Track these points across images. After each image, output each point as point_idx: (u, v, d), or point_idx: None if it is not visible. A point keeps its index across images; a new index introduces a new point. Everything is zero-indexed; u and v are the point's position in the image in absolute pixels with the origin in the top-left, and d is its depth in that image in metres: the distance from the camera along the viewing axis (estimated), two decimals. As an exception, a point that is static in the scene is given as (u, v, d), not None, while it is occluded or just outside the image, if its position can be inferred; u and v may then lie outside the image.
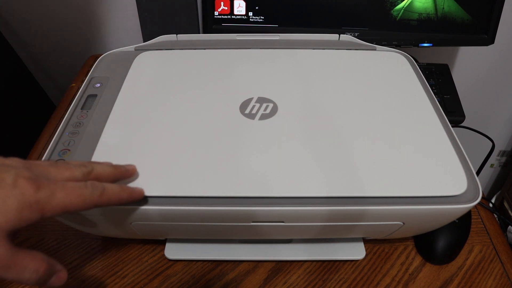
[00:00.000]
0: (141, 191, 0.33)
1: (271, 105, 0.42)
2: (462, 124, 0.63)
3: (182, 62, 0.49)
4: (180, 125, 0.40)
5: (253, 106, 0.42)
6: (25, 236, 0.47)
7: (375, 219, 0.36)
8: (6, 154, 0.29)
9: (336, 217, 0.35)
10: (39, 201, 0.25)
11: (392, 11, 0.64)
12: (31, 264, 0.26)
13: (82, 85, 0.46)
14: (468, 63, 0.87)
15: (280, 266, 0.45)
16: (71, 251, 0.46)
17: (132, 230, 0.38)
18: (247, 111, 0.41)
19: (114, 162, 0.35)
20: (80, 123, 0.41)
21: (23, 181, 0.25)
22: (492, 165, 1.13)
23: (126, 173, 0.34)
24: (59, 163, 0.30)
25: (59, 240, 0.47)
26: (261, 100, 0.43)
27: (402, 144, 0.38)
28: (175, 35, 0.54)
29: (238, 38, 0.55)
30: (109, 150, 0.37)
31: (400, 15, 0.64)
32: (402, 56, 0.51)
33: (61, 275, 0.28)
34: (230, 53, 0.51)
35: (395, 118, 0.41)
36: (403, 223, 0.37)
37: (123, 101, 0.43)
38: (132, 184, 0.34)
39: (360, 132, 0.40)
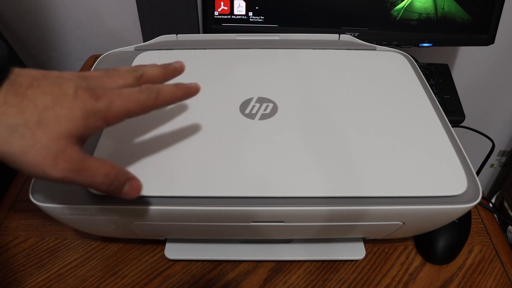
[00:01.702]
0: (196, 86, 0.33)
1: (271, 105, 0.42)
2: (462, 124, 0.63)
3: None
4: (180, 125, 0.40)
5: (253, 106, 0.42)
6: (25, 236, 0.47)
7: (375, 219, 0.36)
8: None
9: (336, 217, 0.35)
10: (100, 110, 0.27)
11: (392, 11, 0.64)
12: (102, 168, 0.27)
13: (82, 85, 0.46)
14: (468, 63, 0.87)
15: (280, 266, 0.45)
16: (71, 251, 0.46)
17: (132, 230, 0.38)
18: (247, 111, 0.41)
19: (115, 162, 0.35)
20: (80, 123, 0.41)
21: (82, 92, 0.27)
22: (492, 165, 1.13)
23: (176, 71, 0.34)
24: (111, 71, 0.30)
25: (59, 240, 0.47)
26: (261, 100, 0.43)
27: (402, 144, 0.38)
28: (175, 35, 0.54)
29: (238, 38, 0.55)
30: (108, 150, 0.37)
31: (400, 15, 0.64)
32: (402, 56, 0.51)
33: (135, 184, 0.30)
34: (230, 53, 0.51)
35: (395, 118, 0.41)
36: (403, 223, 0.37)
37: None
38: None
39: (360, 132, 0.40)
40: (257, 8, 0.64)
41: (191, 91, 0.33)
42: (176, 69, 0.34)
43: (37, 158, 0.25)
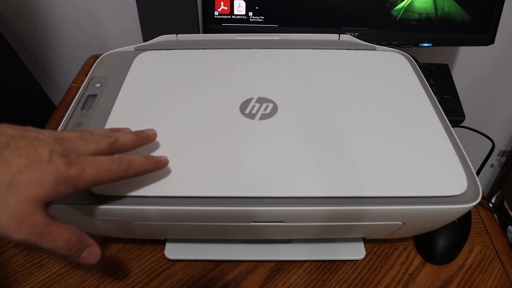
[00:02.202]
0: (165, 160, 0.34)
1: (271, 105, 0.42)
2: (462, 124, 0.63)
3: (182, 62, 0.49)
4: (180, 125, 0.40)
5: (253, 106, 0.42)
6: (25, 236, 0.47)
7: (375, 219, 0.36)
8: None
9: (336, 217, 0.35)
10: (72, 177, 0.27)
11: (392, 11, 0.64)
12: (64, 234, 0.27)
13: (82, 85, 0.46)
14: (468, 63, 0.87)
15: (280, 266, 0.45)
16: (71, 251, 0.46)
17: (132, 230, 0.38)
18: (247, 111, 0.41)
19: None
20: (80, 123, 0.41)
21: (57, 157, 0.27)
22: (492, 165, 1.13)
23: (148, 139, 0.35)
24: (85, 134, 0.31)
25: (59, 240, 0.47)
26: (261, 100, 0.43)
27: (402, 144, 0.38)
28: (175, 35, 0.54)
29: (238, 38, 0.55)
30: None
31: (400, 15, 0.64)
32: (402, 56, 0.51)
33: (93, 250, 0.30)
34: (230, 53, 0.51)
35: (395, 118, 0.41)
36: (403, 223, 0.37)
37: (123, 101, 0.43)
38: (133, 182, 0.34)
39: (360, 132, 0.40)
40: (257, 8, 0.64)
41: (160, 164, 0.34)
42: (148, 137, 0.36)
43: (2, 220, 0.25)
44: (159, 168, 0.34)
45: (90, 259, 0.30)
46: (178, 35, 0.54)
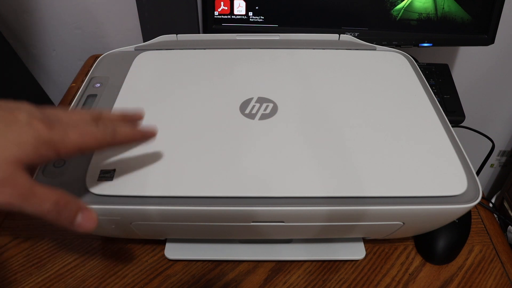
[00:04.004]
0: (153, 132, 0.33)
1: (271, 105, 0.42)
2: (462, 124, 0.63)
3: (182, 62, 0.49)
4: (180, 125, 0.40)
5: (253, 106, 0.42)
6: (25, 236, 0.47)
7: (375, 219, 0.36)
8: None
9: (336, 217, 0.35)
10: (53, 139, 0.26)
11: (392, 11, 0.64)
12: (51, 195, 0.26)
13: (82, 85, 0.46)
14: (468, 63, 0.87)
15: (280, 266, 0.45)
16: (71, 251, 0.46)
17: (132, 230, 0.38)
18: (247, 111, 0.41)
19: (115, 162, 0.35)
20: (80, 123, 0.41)
21: (36, 121, 0.26)
22: (492, 165, 1.13)
23: (134, 117, 0.34)
24: (68, 109, 0.30)
25: (59, 240, 0.47)
26: (261, 100, 0.43)
27: (402, 144, 0.38)
28: (175, 35, 0.54)
29: (238, 38, 0.55)
30: (108, 150, 0.37)
31: (400, 15, 0.64)
32: (402, 56, 0.51)
33: (88, 214, 0.28)
34: (230, 53, 0.51)
35: (395, 118, 0.41)
36: (403, 223, 0.37)
37: (123, 101, 0.43)
38: (133, 183, 0.34)
39: (360, 132, 0.40)
40: (257, 8, 0.64)
41: (147, 135, 0.33)
42: (135, 115, 0.34)
43: None
44: (147, 138, 0.32)
45: (87, 224, 0.27)
46: (178, 35, 0.54)
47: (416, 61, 0.63)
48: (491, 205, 0.59)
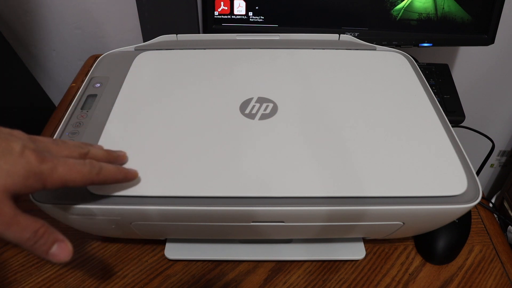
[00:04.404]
0: (135, 172, 0.35)
1: (271, 105, 0.42)
2: (462, 124, 0.63)
3: (182, 62, 0.49)
4: (180, 125, 0.40)
5: (253, 106, 0.42)
6: (25, 236, 0.47)
7: (375, 219, 0.36)
8: None
9: (336, 217, 0.35)
10: (42, 172, 0.27)
11: (392, 11, 0.64)
12: (32, 224, 0.27)
13: (82, 85, 0.46)
14: (468, 63, 0.87)
15: (280, 266, 0.45)
16: (71, 251, 0.46)
17: (132, 230, 0.38)
18: (247, 111, 0.41)
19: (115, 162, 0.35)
20: (80, 123, 0.41)
21: (29, 152, 0.27)
22: (492, 165, 1.13)
23: (118, 159, 0.35)
24: (59, 141, 0.31)
25: (59, 240, 0.47)
26: (261, 100, 0.43)
27: (402, 144, 0.38)
28: (175, 35, 0.54)
29: (238, 38, 0.55)
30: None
31: (400, 15, 0.64)
32: (402, 56, 0.51)
33: (64, 246, 0.29)
34: (230, 53, 0.51)
35: (395, 118, 0.41)
36: (403, 223, 0.37)
37: (123, 101, 0.43)
38: (133, 183, 0.34)
39: (360, 132, 0.40)
40: (257, 8, 0.64)
41: (129, 176, 0.34)
42: (118, 157, 0.35)
43: None
44: (128, 179, 0.34)
45: (60, 256, 0.28)
46: (178, 35, 0.54)
47: (416, 61, 0.63)
48: (491, 205, 0.59)
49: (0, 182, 0.26)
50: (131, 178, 0.34)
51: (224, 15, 0.65)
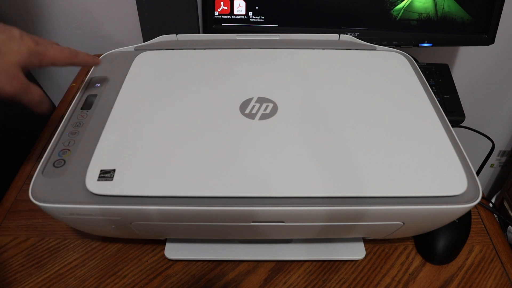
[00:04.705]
0: (98, 59, 0.45)
1: (271, 105, 0.42)
2: (462, 124, 0.63)
3: (182, 62, 0.49)
4: (180, 125, 0.40)
5: (253, 106, 0.42)
6: (25, 236, 0.47)
7: (375, 219, 0.36)
8: (7, 154, 0.30)
9: (336, 217, 0.35)
10: (38, 51, 0.38)
11: (392, 11, 0.64)
12: (37, 90, 0.39)
13: (82, 85, 0.46)
14: (468, 63, 0.87)
15: (280, 266, 0.45)
16: (71, 251, 0.46)
17: (132, 230, 0.38)
18: (247, 111, 0.41)
19: (115, 162, 0.36)
20: (80, 123, 0.41)
21: (26, 37, 0.38)
22: (492, 165, 1.13)
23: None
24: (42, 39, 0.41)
25: (59, 240, 0.47)
26: (261, 100, 0.43)
27: (402, 144, 0.38)
28: (175, 35, 0.54)
29: (238, 38, 0.55)
30: (109, 150, 0.37)
31: (400, 15, 0.64)
32: (402, 56, 0.51)
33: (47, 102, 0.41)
34: (230, 53, 0.51)
35: (395, 118, 0.41)
36: (403, 223, 0.37)
37: (123, 101, 0.43)
38: (133, 183, 0.34)
39: (360, 132, 0.40)
40: (257, 8, 0.64)
41: (96, 60, 0.45)
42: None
43: None
44: (96, 62, 0.45)
45: (42, 106, 0.40)
46: (178, 35, 0.54)
47: (416, 61, 0.63)
48: (491, 205, 0.59)
49: (15, 59, 0.36)
50: (98, 61, 0.45)
51: (224, 15, 0.65)
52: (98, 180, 0.35)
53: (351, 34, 0.65)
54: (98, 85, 0.46)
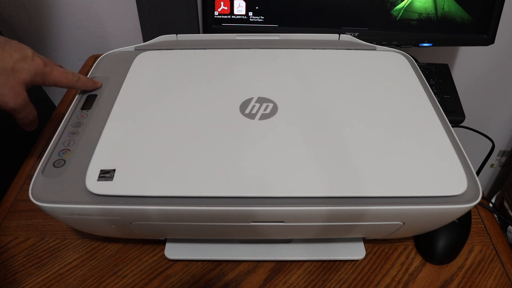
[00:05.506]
0: (99, 82, 0.46)
1: (271, 105, 0.42)
2: (462, 124, 0.63)
3: (182, 62, 0.49)
4: (180, 125, 0.40)
5: (253, 106, 0.42)
6: (25, 236, 0.47)
7: (375, 219, 0.36)
8: (7, 154, 0.30)
9: (336, 217, 0.35)
10: (45, 73, 0.40)
11: (392, 11, 0.64)
12: (33, 110, 0.42)
13: (82, 85, 0.46)
14: (468, 63, 0.87)
15: (280, 266, 0.45)
16: (71, 251, 0.46)
17: (132, 230, 0.38)
18: (247, 111, 0.41)
19: (115, 162, 0.35)
20: (80, 123, 0.41)
21: (37, 57, 0.40)
22: (492, 165, 1.13)
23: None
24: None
25: (59, 240, 0.47)
26: (261, 100, 0.43)
27: (402, 144, 0.38)
28: (175, 35, 0.54)
29: (238, 38, 0.55)
30: (109, 150, 0.37)
31: (400, 15, 0.64)
32: (402, 56, 0.51)
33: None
34: (230, 53, 0.51)
35: (395, 118, 0.41)
36: (403, 223, 0.37)
37: (123, 101, 0.43)
38: (133, 183, 0.34)
39: (360, 132, 0.40)
40: (257, 8, 0.64)
41: (97, 85, 0.46)
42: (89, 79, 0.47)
43: (5, 92, 0.37)
44: (96, 86, 0.45)
45: (33, 128, 0.44)
46: (178, 35, 0.54)
47: (416, 61, 0.63)
48: (491, 205, 0.59)
49: (24, 77, 0.38)
50: (98, 86, 0.46)
51: (224, 15, 0.65)
52: (98, 180, 0.35)
53: (351, 34, 0.65)
54: (98, 85, 0.46)
